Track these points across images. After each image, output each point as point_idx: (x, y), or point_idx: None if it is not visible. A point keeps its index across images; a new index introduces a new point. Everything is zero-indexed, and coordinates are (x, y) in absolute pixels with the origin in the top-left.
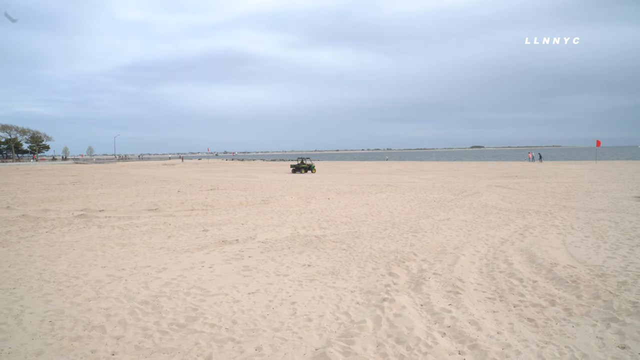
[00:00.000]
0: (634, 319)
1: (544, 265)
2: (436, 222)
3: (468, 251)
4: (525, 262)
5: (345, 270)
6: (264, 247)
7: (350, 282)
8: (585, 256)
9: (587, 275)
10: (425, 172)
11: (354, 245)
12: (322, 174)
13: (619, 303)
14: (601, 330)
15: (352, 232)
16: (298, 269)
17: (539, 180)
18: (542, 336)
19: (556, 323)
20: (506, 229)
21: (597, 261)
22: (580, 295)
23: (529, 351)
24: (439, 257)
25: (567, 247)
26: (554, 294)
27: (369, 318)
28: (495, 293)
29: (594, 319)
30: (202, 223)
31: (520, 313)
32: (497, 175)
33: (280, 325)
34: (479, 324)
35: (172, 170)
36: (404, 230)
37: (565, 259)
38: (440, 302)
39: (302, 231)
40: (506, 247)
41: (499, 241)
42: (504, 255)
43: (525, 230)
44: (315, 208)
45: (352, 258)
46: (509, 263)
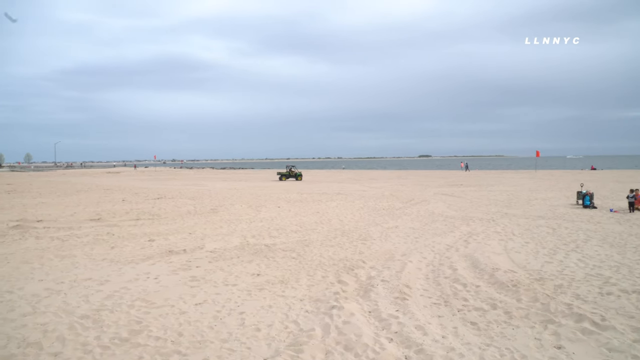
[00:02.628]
0: (568, 320)
1: (486, 270)
2: (385, 230)
3: (415, 258)
4: (469, 267)
5: (294, 278)
6: (212, 256)
7: (300, 291)
8: (525, 261)
9: (526, 279)
10: (374, 181)
11: (303, 254)
12: (271, 182)
13: (556, 305)
14: (539, 332)
15: (302, 241)
16: (247, 279)
17: (483, 188)
18: (484, 339)
19: (497, 326)
20: (451, 235)
21: (535, 266)
22: (520, 299)
23: (472, 354)
24: (387, 264)
25: (508, 252)
26: (495, 298)
27: (318, 326)
28: (441, 298)
29: (532, 321)
30: (148, 233)
31: (464, 317)
32: (444, 184)
33: (228, 336)
34: (424, 329)
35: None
36: (353, 238)
37: (506, 264)
38: (388, 309)
39: (252, 240)
40: (451, 253)
41: (445, 248)
42: (449, 262)
43: (470, 236)
44: (266, 216)
45: (301, 266)
46: (454, 269)
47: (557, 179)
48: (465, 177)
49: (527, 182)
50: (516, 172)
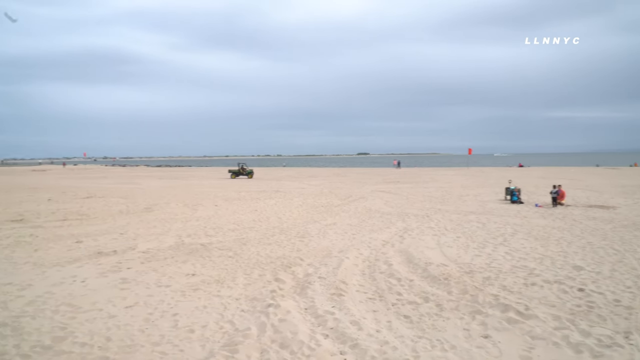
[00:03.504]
0: (495, 311)
1: (420, 264)
2: (323, 227)
3: (352, 254)
4: (403, 262)
5: (231, 278)
6: (145, 257)
7: (236, 290)
8: (457, 255)
9: (457, 272)
10: (314, 178)
11: (240, 252)
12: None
13: (483, 297)
14: (468, 323)
15: (239, 239)
16: (181, 279)
17: (418, 185)
18: (416, 331)
19: (429, 318)
20: (388, 231)
21: (466, 259)
22: (451, 291)
23: (405, 346)
24: (324, 261)
25: (441, 247)
26: (428, 292)
27: (254, 325)
28: (376, 293)
29: (462, 312)
30: (76, 234)
31: (398, 311)
32: (381, 181)
33: (160, 339)
34: (360, 324)
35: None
36: (291, 235)
37: (439, 258)
38: (324, 305)
39: (187, 239)
40: (387, 249)
41: (381, 243)
42: (384, 257)
43: (405, 232)
44: (202, 215)
45: (238, 265)
46: (389, 264)
47: (487, 176)
48: (401, 174)
49: (460, 179)
50: (449, 169)
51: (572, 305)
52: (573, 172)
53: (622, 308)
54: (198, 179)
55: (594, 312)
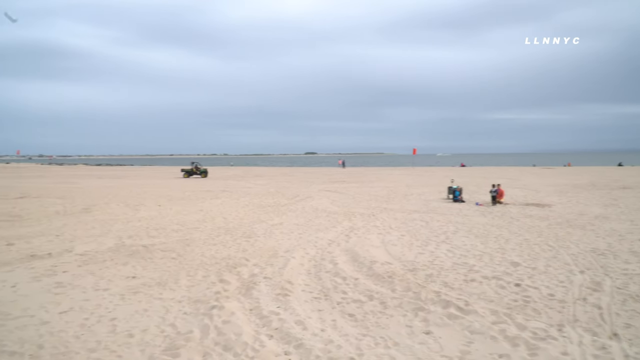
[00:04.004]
0: (437, 307)
1: (365, 263)
2: (269, 227)
3: (298, 254)
4: (349, 261)
5: (173, 280)
6: (82, 260)
7: (179, 292)
8: (401, 253)
9: (401, 270)
10: (260, 178)
11: (184, 254)
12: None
13: (426, 293)
14: (410, 319)
15: (183, 240)
16: (121, 282)
17: (365, 185)
18: (360, 329)
19: (373, 316)
20: (334, 231)
21: (410, 257)
22: (395, 289)
23: (349, 344)
24: (270, 261)
25: (385, 245)
26: (372, 290)
27: (197, 328)
28: (321, 292)
29: (405, 309)
30: (7, 236)
31: (343, 310)
32: (328, 181)
33: (96, 345)
34: (305, 324)
35: None
36: (237, 235)
37: (383, 257)
38: (269, 306)
39: (128, 241)
40: (333, 248)
41: (327, 243)
42: (330, 256)
43: (351, 231)
44: (145, 216)
45: (181, 267)
46: (335, 263)
47: (431, 175)
48: (348, 173)
49: (405, 178)
50: (395, 169)
51: (509, 300)
52: (511, 171)
53: (555, 302)
54: (141, 178)
55: (530, 306)
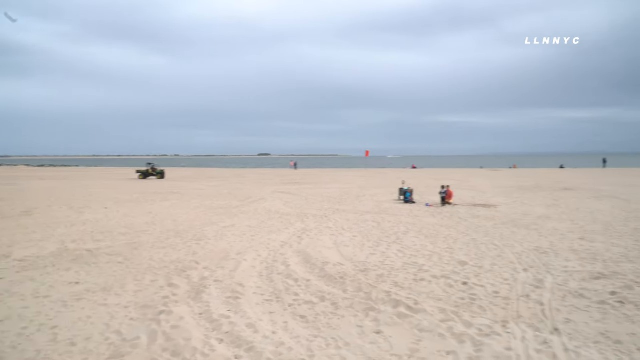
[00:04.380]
0: (387, 307)
1: (317, 264)
2: (221, 229)
3: (250, 256)
4: (301, 263)
5: (119, 285)
6: (21, 266)
7: (125, 298)
8: (352, 254)
9: (352, 271)
10: (213, 179)
11: (131, 258)
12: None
13: (377, 294)
14: (361, 319)
15: (130, 244)
16: (63, 288)
17: (319, 186)
18: (312, 331)
19: (325, 317)
20: (287, 232)
21: (361, 258)
22: (346, 290)
23: (300, 346)
24: (221, 263)
25: (338, 246)
26: (324, 291)
27: (144, 334)
28: (273, 295)
29: (356, 309)
30: None
31: (294, 311)
32: (281, 182)
33: (35, 355)
34: (256, 327)
35: None
36: (187, 238)
37: (335, 258)
38: (219, 309)
39: (72, 245)
40: (285, 250)
41: (280, 245)
42: (283, 258)
43: (304, 233)
44: (90, 219)
45: (128, 271)
46: (287, 265)
47: (383, 177)
48: (302, 175)
49: (358, 180)
50: (348, 171)
51: (456, 298)
52: (460, 173)
53: (500, 299)
54: (87, 179)
55: (476, 304)
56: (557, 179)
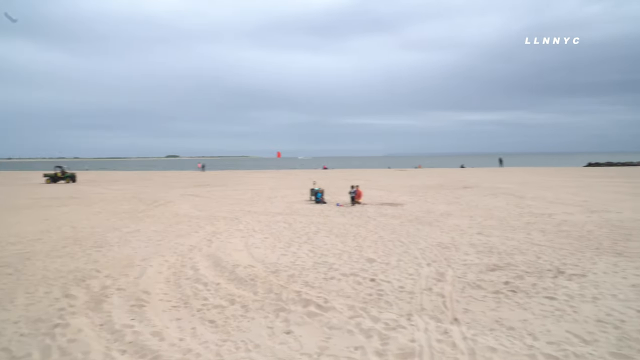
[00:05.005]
0: (297, 306)
1: (227, 267)
2: (124, 235)
3: (156, 262)
4: (210, 266)
5: (8, 299)
6: None
7: (15, 312)
8: (264, 255)
9: (263, 272)
10: (117, 183)
11: (22, 269)
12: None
13: (287, 294)
14: (272, 321)
15: (21, 253)
16: None
17: (229, 188)
18: (221, 335)
19: (234, 320)
20: (196, 236)
21: (272, 259)
22: (257, 292)
23: (209, 352)
24: (124, 271)
25: (249, 248)
26: (234, 294)
27: (36, 349)
28: (181, 300)
29: (266, 311)
30: None
31: (203, 316)
32: (191, 185)
33: None
34: (162, 334)
35: None
36: (87, 246)
37: (246, 260)
38: (122, 319)
39: None
40: (194, 254)
41: (188, 249)
42: (191, 262)
43: (213, 236)
44: None
45: (19, 283)
46: (196, 269)
47: (294, 178)
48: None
49: (269, 181)
50: (260, 172)
51: (365, 294)
52: (369, 173)
53: (405, 293)
54: None
55: (383, 299)
56: (458, 178)
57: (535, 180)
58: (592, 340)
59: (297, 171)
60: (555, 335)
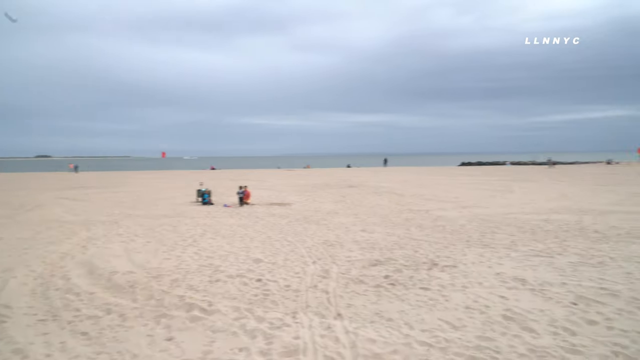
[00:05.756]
0: (180, 311)
1: (104, 275)
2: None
3: (21, 272)
4: (85, 275)
5: None
6: None
7: None
8: (145, 260)
9: (144, 278)
10: None
11: None
12: None
13: (170, 299)
14: (152, 328)
15: None
16: None
17: (108, 190)
18: (95, 347)
19: (110, 331)
20: (68, 242)
21: (154, 264)
22: (136, 299)
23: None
24: None
25: (129, 254)
26: (111, 303)
27: None
28: (49, 313)
29: (146, 319)
30: None
31: (74, 329)
32: (65, 187)
33: None
34: (25, 352)
35: None
36: None
37: (125, 266)
38: None
39: None
40: (66, 262)
41: (59, 257)
42: (62, 271)
43: (89, 241)
44: None
45: None
46: (67, 278)
47: (181, 179)
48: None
49: (154, 183)
50: (144, 173)
51: (250, 295)
52: (259, 173)
53: (291, 292)
54: None
55: (269, 299)
56: (344, 177)
57: (415, 179)
58: (461, 326)
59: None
60: (428, 323)
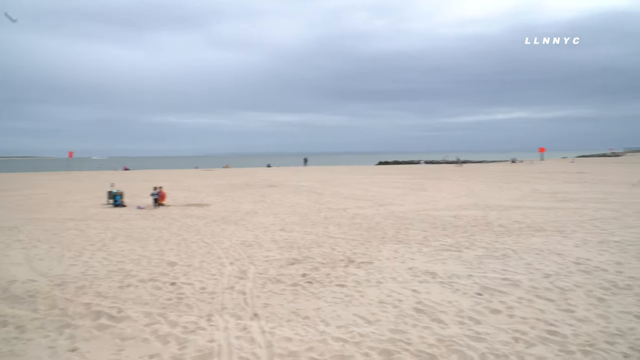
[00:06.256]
0: (86, 320)
1: (0, 285)
2: None
3: None
4: None
5: None
6: None
7: None
8: (48, 267)
9: (46, 286)
10: None
11: None
12: None
13: (74, 308)
14: (54, 339)
15: None
16: None
17: (7, 193)
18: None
19: (6, 345)
20: None
21: (59, 271)
22: (37, 309)
23: None
24: None
25: (30, 261)
26: (7, 314)
27: None
28: None
29: (47, 329)
30: None
31: None
32: None
33: None
34: None
35: None
36: None
37: (26, 274)
38: None
39: None
40: None
41: None
42: None
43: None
44: None
45: None
46: None
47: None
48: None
49: (61, 184)
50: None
51: (164, 299)
52: (175, 174)
53: (206, 294)
54: None
55: (183, 302)
56: (264, 177)
57: (334, 178)
58: (375, 320)
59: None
60: (344, 319)
